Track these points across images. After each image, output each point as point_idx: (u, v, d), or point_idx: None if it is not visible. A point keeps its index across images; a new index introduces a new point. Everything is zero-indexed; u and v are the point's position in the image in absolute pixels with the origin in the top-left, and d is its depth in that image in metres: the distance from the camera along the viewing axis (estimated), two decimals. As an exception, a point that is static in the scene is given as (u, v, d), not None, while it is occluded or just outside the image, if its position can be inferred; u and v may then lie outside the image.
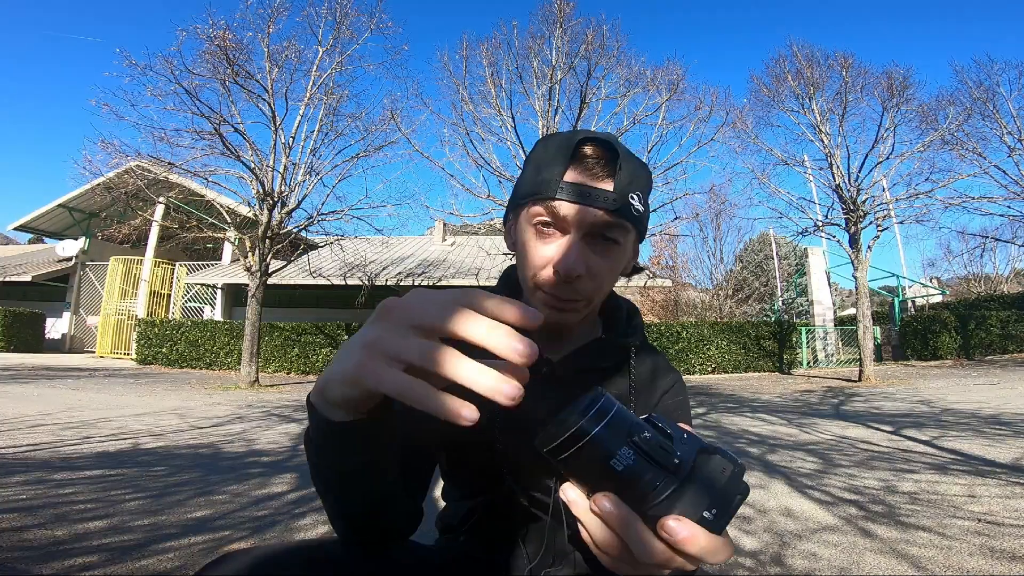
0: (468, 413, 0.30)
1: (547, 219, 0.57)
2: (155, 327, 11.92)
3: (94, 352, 14.39)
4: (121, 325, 14.01)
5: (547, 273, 0.57)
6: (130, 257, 14.64)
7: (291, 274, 12.11)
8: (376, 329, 0.34)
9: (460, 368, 0.30)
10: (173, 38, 8.74)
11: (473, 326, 0.31)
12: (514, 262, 0.67)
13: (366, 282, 11.55)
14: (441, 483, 0.74)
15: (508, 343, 0.30)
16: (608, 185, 0.56)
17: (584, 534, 0.35)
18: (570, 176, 0.56)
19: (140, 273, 14.44)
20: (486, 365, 0.30)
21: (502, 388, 0.29)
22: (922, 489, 2.64)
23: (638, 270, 0.67)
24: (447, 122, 10.40)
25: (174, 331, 11.76)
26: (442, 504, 0.75)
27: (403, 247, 16.67)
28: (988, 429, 4.25)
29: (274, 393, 7.46)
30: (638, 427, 0.33)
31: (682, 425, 0.37)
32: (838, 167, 9.58)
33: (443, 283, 12.40)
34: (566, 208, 0.55)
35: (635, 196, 0.57)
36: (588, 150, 0.56)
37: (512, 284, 0.70)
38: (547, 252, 0.57)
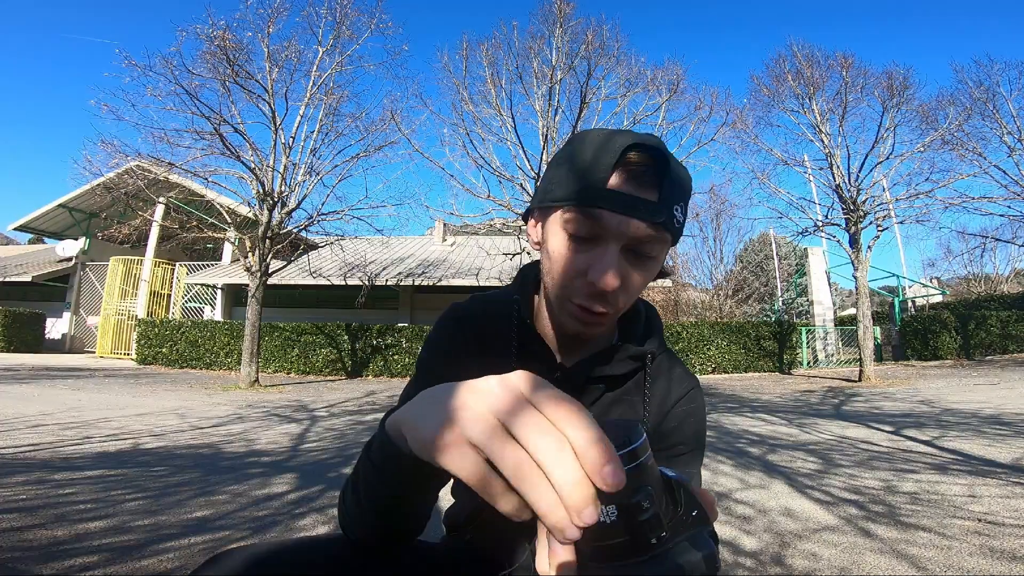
0: (527, 515, 0.28)
1: (584, 226, 0.53)
2: (155, 327, 11.92)
3: (94, 352, 14.37)
4: (121, 325, 14.00)
5: (579, 283, 0.55)
6: (130, 257, 14.64)
7: (291, 274, 12.12)
8: (474, 408, 0.30)
9: (540, 495, 0.26)
10: (173, 38, 8.75)
11: (562, 468, 0.26)
12: (515, 261, 0.66)
13: (366, 282, 11.55)
14: (451, 480, 0.74)
15: (580, 503, 0.26)
16: (653, 196, 0.52)
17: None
18: (614, 183, 0.52)
19: (140, 273, 14.43)
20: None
21: (565, 530, 0.25)
22: (922, 489, 2.64)
23: (663, 274, 0.64)
24: (447, 122, 10.41)
25: (174, 331, 11.76)
26: (450, 501, 0.75)
27: (403, 247, 16.67)
28: (988, 429, 4.25)
29: (274, 393, 7.46)
30: (643, 490, 0.29)
31: (708, 505, 0.32)
32: (838, 167, 9.58)
33: (443, 283, 12.40)
34: (608, 218, 0.52)
35: (678, 207, 0.54)
36: (635, 156, 0.52)
37: (529, 284, 0.68)
38: (581, 261, 0.54)
